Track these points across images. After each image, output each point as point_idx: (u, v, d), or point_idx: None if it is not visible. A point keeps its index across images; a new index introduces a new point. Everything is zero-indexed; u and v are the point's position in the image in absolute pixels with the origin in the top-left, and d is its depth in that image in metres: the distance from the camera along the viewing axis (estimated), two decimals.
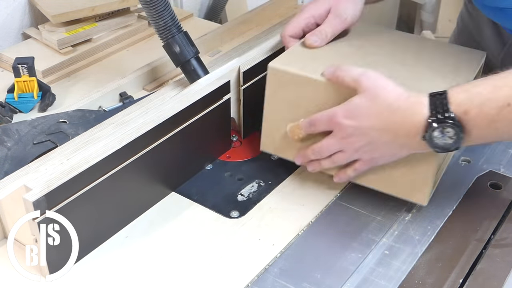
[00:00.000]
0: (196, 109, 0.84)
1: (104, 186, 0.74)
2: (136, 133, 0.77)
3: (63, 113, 0.89)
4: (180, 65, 0.90)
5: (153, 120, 0.79)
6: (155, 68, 1.05)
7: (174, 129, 0.82)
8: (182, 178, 0.87)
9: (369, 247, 0.77)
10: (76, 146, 0.75)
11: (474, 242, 0.77)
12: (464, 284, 0.72)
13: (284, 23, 1.06)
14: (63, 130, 0.84)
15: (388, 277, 0.73)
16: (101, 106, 0.95)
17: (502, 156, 0.92)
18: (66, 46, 1.13)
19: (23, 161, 0.77)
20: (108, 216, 0.77)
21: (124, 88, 0.99)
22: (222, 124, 0.92)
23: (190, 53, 0.89)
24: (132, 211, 0.81)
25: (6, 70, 1.11)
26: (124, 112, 0.82)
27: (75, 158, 0.73)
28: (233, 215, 0.82)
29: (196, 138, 0.86)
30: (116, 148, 0.74)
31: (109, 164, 0.74)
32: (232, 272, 0.73)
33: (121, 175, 0.75)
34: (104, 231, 0.77)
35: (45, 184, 0.68)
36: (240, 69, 0.91)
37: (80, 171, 0.70)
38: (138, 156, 0.77)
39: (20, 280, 0.71)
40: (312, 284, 0.72)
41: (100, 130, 0.78)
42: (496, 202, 0.84)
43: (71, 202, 0.70)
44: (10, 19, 1.20)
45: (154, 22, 0.87)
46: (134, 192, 0.80)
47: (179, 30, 0.89)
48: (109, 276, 0.73)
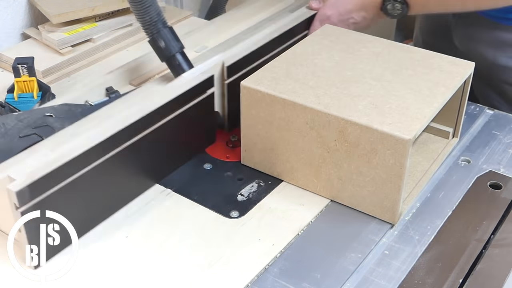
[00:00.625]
0: (180, 103, 0.86)
1: (88, 177, 0.75)
2: (120, 125, 0.78)
3: (49, 107, 0.89)
4: (166, 59, 0.91)
5: (136, 113, 0.81)
6: (141, 63, 1.06)
7: (158, 121, 0.84)
8: (167, 170, 0.89)
9: (369, 247, 0.77)
10: (60, 139, 0.76)
11: (474, 242, 0.77)
12: (464, 284, 0.72)
13: (271, 19, 1.09)
14: (49, 123, 0.85)
15: (388, 277, 0.73)
16: (87, 101, 0.96)
17: (502, 156, 0.92)
18: (66, 46, 1.13)
19: (9, 154, 0.77)
20: (92, 207, 0.78)
21: (110, 83, 1.00)
22: (207, 117, 0.94)
23: (175, 48, 0.91)
24: (116, 202, 0.82)
25: (6, 70, 1.11)
26: (109, 106, 0.84)
27: (59, 150, 0.74)
28: (233, 215, 0.82)
29: (180, 131, 0.88)
30: (99, 140, 0.76)
31: (93, 156, 0.75)
32: (232, 272, 0.73)
33: (105, 166, 0.77)
34: (88, 221, 0.79)
35: (29, 175, 0.69)
36: (224, 63, 0.93)
37: (63, 162, 0.72)
38: (122, 148, 0.79)
39: (20, 280, 0.71)
40: (312, 284, 0.72)
41: (85, 123, 0.80)
42: (496, 202, 0.84)
43: (55, 193, 0.71)
44: (10, 19, 1.20)
45: (140, 17, 0.89)
46: (118, 183, 0.81)
47: (165, 25, 0.90)
48: (109, 276, 0.73)
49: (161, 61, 0.92)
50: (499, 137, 0.96)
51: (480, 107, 1.03)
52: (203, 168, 0.91)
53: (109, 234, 0.79)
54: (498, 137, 0.96)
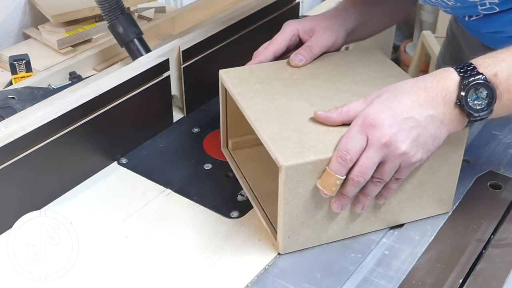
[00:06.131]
0: (134, 84, 0.90)
1: (41, 153, 0.80)
2: (73, 104, 0.83)
3: (12, 89, 0.93)
4: (124, 44, 0.96)
5: (90, 93, 0.85)
6: (105, 49, 1.08)
7: (113, 102, 0.88)
8: (123, 150, 0.93)
9: (369, 247, 0.77)
10: (16, 117, 0.81)
11: (474, 242, 0.77)
12: (464, 284, 0.72)
13: (235, 10, 1.09)
14: (11, 105, 0.89)
15: (388, 277, 0.73)
16: (50, 84, 0.98)
17: (502, 156, 0.92)
18: (66, 46, 1.13)
19: None
20: (46, 181, 0.83)
21: (74, 68, 1.02)
22: (163, 100, 0.98)
23: (133, 34, 0.96)
24: (72, 178, 0.86)
25: (6, 70, 1.11)
26: (69, 88, 0.87)
27: (12, 127, 0.78)
28: (233, 215, 0.82)
29: (136, 112, 0.93)
30: (52, 118, 0.80)
31: (45, 133, 0.80)
32: (232, 272, 0.73)
33: (57, 143, 0.82)
34: (44, 195, 0.83)
35: None
36: (180, 48, 0.97)
37: (15, 138, 0.76)
38: (75, 126, 0.83)
39: (20, 280, 0.71)
40: (312, 284, 0.71)
41: (43, 104, 0.83)
42: (496, 202, 0.84)
43: (7, 167, 0.76)
44: (10, 19, 1.20)
45: (100, 4, 0.93)
46: (72, 160, 0.86)
47: (123, 12, 0.94)
48: (109, 276, 0.73)
49: (120, 46, 0.96)
50: (499, 137, 0.96)
51: None
52: (203, 168, 0.91)
53: (109, 234, 0.79)
54: (498, 137, 0.96)
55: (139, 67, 0.91)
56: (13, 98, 0.90)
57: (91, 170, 0.88)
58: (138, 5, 1.25)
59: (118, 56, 1.08)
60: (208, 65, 1.02)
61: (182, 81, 0.99)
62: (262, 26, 1.11)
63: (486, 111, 0.69)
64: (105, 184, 0.88)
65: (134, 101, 0.91)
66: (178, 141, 0.97)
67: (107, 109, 0.87)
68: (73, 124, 0.83)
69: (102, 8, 0.93)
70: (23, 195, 0.79)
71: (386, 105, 0.69)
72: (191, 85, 1.01)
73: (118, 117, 0.90)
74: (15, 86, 0.94)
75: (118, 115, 0.89)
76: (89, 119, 0.85)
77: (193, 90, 1.01)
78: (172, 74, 0.97)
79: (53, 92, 0.89)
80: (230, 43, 1.05)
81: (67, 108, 0.82)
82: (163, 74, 0.95)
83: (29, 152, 0.78)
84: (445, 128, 0.70)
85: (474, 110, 0.69)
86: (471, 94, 0.68)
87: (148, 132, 0.96)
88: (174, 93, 0.99)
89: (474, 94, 0.68)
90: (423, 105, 0.69)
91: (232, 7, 1.12)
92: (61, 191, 0.85)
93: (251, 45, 0.92)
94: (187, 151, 0.94)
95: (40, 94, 0.92)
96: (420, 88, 0.70)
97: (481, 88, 0.68)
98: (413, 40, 2.56)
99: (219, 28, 1.03)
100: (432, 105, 0.69)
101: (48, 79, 0.98)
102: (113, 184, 0.88)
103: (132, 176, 0.89)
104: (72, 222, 0.76)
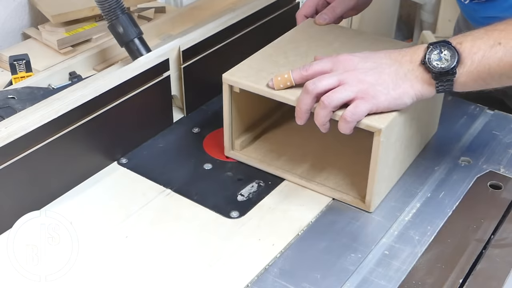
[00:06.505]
0: (134, 84, 0.91)
1: (41, 153, 0.80)
2: (73, 104, 0.82)
3: (12, 89, 0.93)
4: (124, 44, 0.96)
5: (90, 93, 0.85)
6: (105, 49, 1.08)
7: (113, 102, 0.88)
8: (123, 150, 0.93)
9: (369, 247, 0.77)
10: (17, 117, 0.80)
11: (474, 242, 0.77)
12: (464, 284, 0.72)
13: (235, 10, 1.10)
14: (11, 105, 0.88)
15: (388, 277, 0.73)
16: (50, 84, 0.98)
17: (502, 156, 0.92)
18: (66, 46, 1.13)
19: None
20: (46, 181, 0.82)
21: (74, 68, 1.02)
22: (163, 100, 0.98)
23: (133, 34, 0.95)
24: (72, 178, 0.86)
25: (6, 70, 1.11)
26: (69, 88, 0.87)
27: (12, 127, 0.78)
28: (233, 215, 0.82)
29: (136, 112, 0.93)
30: (52, 118, 0.80)
31: (45, 133, 0.80)
32: (232, 272, 0.73)
33: (57, 143, 0.81)
34: (44, 195, 0.83)
35: None
36: (180, 48, 0.97)
37: (15, 137, 0.76)
38: (75, 126, 0.83)
39: (20, 280, 0.71)
40: (312, 284, 0.71)
41: (43, 104, 0.83)
42: (496, 202, 0.84)
43: (7, 167, 0.76)
44: (10, 19, 1.20)
45: (100, 4, 0.93)
46: (72, 160, 0.85)
47: (123, 12, 0.94)
48: (109, 276, 0.73)
49: (120, 46, 0.96)
50: (499, 137, 0.96)
51: (480, 107, 1.03)
52: (203, 168, 0.91)
53: (109, 234, 0.79)
54: (498, 137, 0.96)
55: (139, 67, 0.91)
56: (13, 98, 0.90)
57: (91, 170, 0.88)
58: (138, 5, 1.25)
59: (118, 56, 1.08)
60: (208, 65, 1.02)
61: (182, 81, 0.99)
62: (262, 26, 1.12)
63: (450, 74, 0.74)
64: (105, 184, 0.88)
65: (134, 101, 0.91)
66: (178, 141, 0.97)
67: (107, 109, 0.87)
68: (73, 124, 0.83)
69: (102, 8, 0.94)
70: (23, 195, 0.79)
71: (358, 55, 0.80)
72: (191, 85, 1.01)
73: (118, 117, 0.90)
74: (15, 86, 0.94)
75: (118, 115, 0.89)
76: (89, 119, 0.85)
77: (193, 90, 1.01)
78: (172, 74, 0.97)
79: (53, 92, 0.89)
80: (230, 43, 1.06)
81: (67, 108, 0.82)
82: (163, 74, 0.95)
83: (29, 152, 0.78)
84: (409, 83, 0.76)
85: (437, 69, 0.75)
86: (435, 55, 0.75)
87: (148, 132, 0.96)
88: (174, 93, 0.99)
89: (437, 55, 0.75)
90: (392, 59, 0.78)
91: (232, 7, 1.12)
92: (61, 191, 0.85)
93: (251, 45, 0.92)
94: (187, 151, 0.94)
95: (40, 94, 0.92)
96: (394, 51, 0.79)
97: (445, 51, 0.75)
98: (413, 40, 2.56)
99: (219, 28, 1.03)
100: (399, 62, 0.77)
101: (48, 79, 0.98)
102: (113, 184, 0.88)
103: (132, 176, 0.89)
104: (72, 222, 0.76)
